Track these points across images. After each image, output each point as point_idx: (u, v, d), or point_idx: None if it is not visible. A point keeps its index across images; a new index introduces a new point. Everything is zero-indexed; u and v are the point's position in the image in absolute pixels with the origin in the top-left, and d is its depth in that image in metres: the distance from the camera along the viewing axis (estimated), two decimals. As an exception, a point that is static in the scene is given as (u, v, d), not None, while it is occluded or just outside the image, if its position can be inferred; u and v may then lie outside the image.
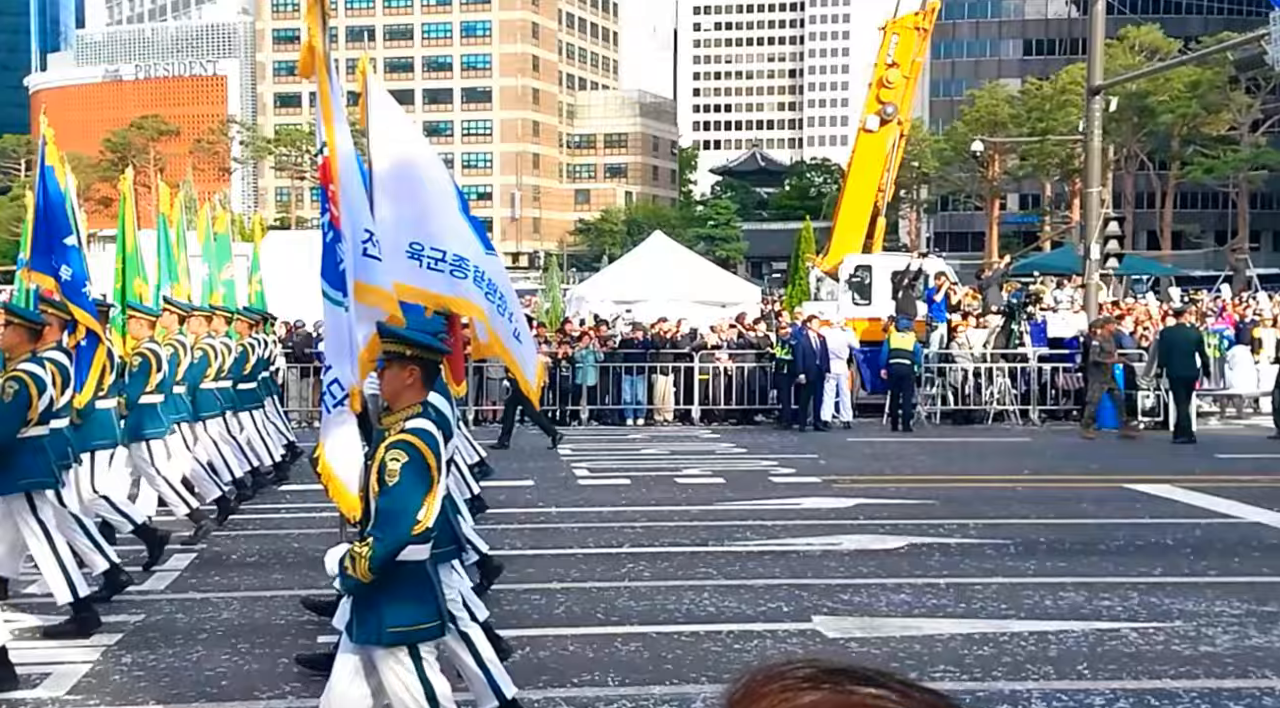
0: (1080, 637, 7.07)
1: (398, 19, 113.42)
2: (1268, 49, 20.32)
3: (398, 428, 4.55)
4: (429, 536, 4.52)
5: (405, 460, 4.42)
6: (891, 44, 25.96)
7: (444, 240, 6.24)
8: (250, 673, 6.57)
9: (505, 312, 6.72)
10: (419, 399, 4.70)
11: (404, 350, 4.71)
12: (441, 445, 4.61)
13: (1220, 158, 70.92)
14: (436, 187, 6.36)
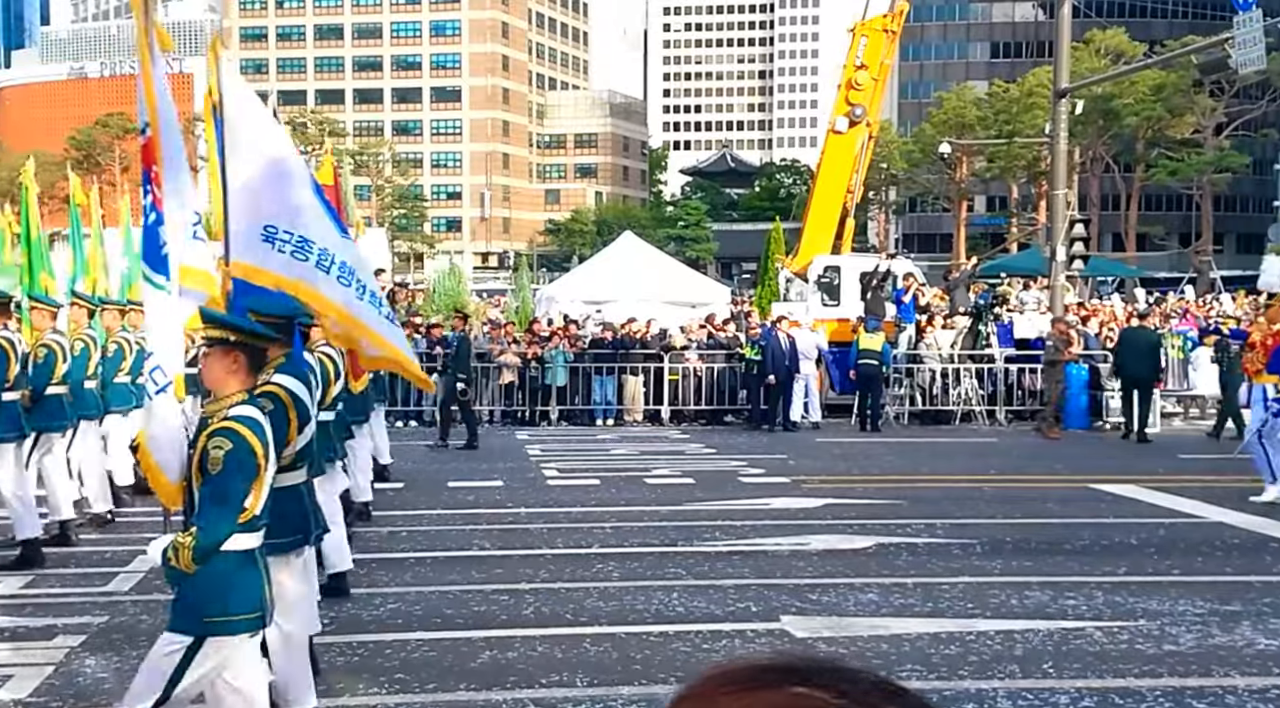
0: (1045, 636, 7.13)
1: (366, 17, 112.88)
2: (1231, 53, 20.53)
3: (221, 415, 4.44)
4: (257, 525, 4.43)
5: (229, 448, 4.32)
6: (860, 46, 26.07)
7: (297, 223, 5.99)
8: (216, 676, 6.51)
9: (366, 296, 6.37)
10: (244, 386, 4.58)
11: (227, 336, 4.59)
12: (268, 433, 4.49)
13: (1184, 160, 71.63)
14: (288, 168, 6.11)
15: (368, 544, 10.03)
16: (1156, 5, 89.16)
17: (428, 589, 8.38)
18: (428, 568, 9.11)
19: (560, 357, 19.83)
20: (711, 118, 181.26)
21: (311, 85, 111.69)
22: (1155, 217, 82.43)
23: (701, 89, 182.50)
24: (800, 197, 72.78)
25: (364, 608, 7.90)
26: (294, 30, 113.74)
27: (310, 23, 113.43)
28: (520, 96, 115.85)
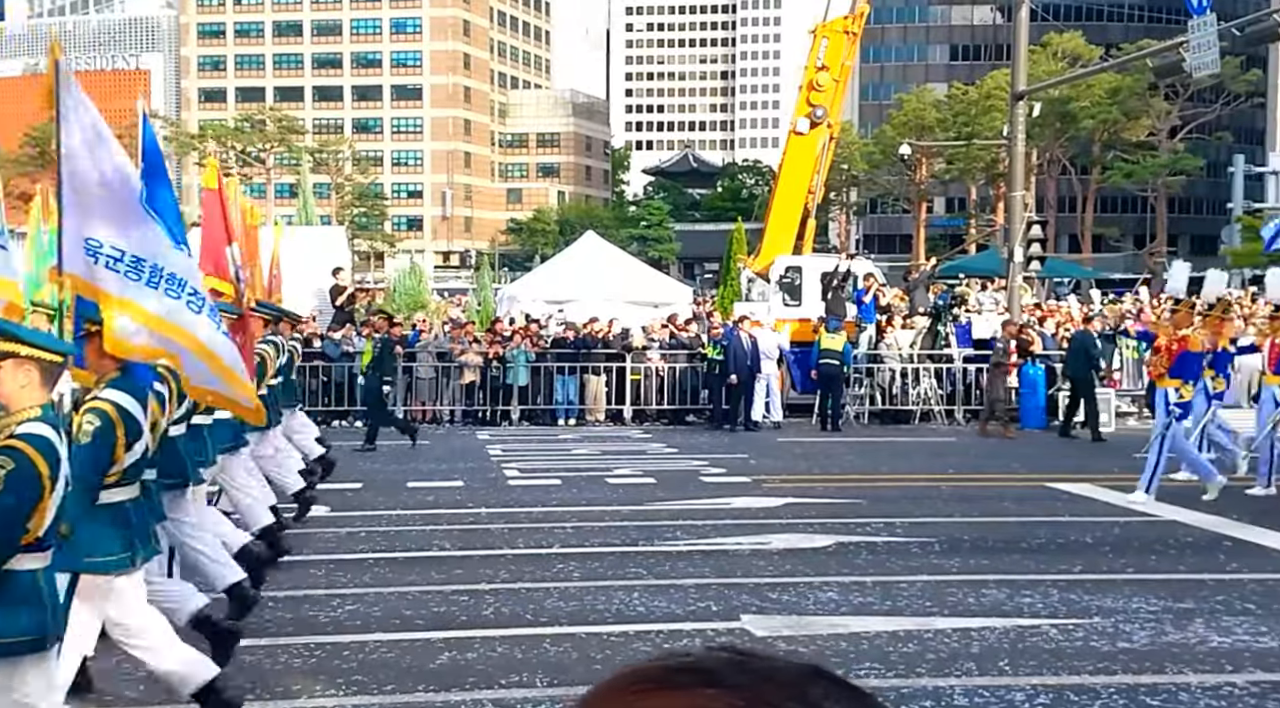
0: (1002, 633, 7.19)
1: (326, 14, 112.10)
2: (1186, 57, 20.78)
3: (7, 432, 4.27)
4: (43, 545, 4.29)
5: (10, 468, 4.14)
6: (821, 48, 26.18)
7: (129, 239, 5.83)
8: (172, 678, 6.45)
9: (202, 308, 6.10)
10: (38, 402, 4.39)
11: (18, 350, 4.41)
12: (60, 452, 4.32)
13: (1139, 163, 72.48)
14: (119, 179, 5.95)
15: (325, 545, 9.97)
16: (1113, 9, 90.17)
17: (386, 590, 8.34)
18: (386, 569, 9.06)
19: (522, 356, 19.79)
20: (674, 118, 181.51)
21: (270, 82, 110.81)
22: (1111, 218, 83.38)
23: (664, 89, 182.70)
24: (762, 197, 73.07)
25: (321, 609, 7.85)
26: (253, 26, 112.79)
27: (269, 19, 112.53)
28: (482, 95, 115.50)
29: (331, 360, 19.44)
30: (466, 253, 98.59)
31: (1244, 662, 6.65)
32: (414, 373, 19.78)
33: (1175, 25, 45.53)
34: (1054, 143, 72.72)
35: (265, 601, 8.03)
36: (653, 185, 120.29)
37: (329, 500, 12.05)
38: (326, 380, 19.47)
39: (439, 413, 19.93)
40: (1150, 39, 59.34)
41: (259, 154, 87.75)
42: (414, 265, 27.22)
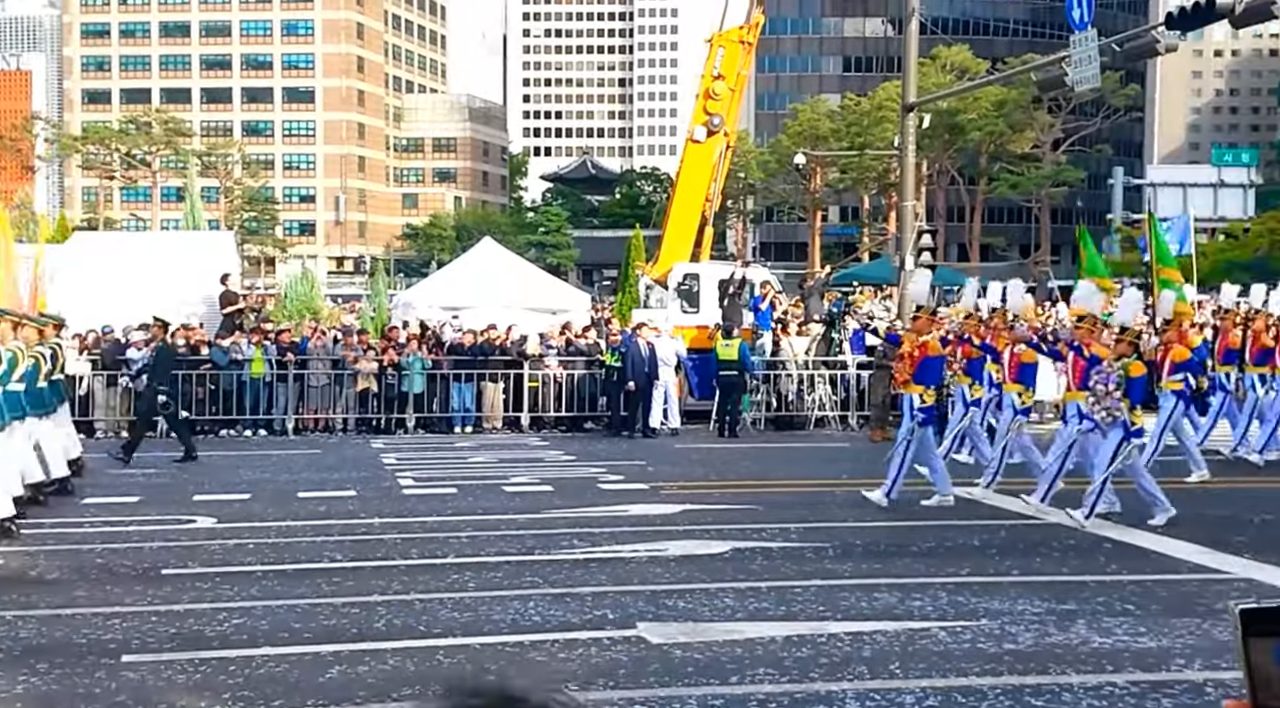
0: (893, 636, 7.29)
1: (215, 15, 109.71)
2: (1068, 71, 21.39)
3: None
4: None
5: None
6: (717, 57, 26.40)
7: None
8: (50, 695, 6.23)
9: None
10: None
11: None
12: None
13: (1024, 174, 74.56)
14: None
15: (213, 557, 9.73)
16: (998, 24, 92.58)
17: (274, 603, 8.16)
18: (274, 581, 8.87)
19: (418, 363, 19.56)
20: (572, 124, 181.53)
21: (157, 84, 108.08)
22: (997, 228, 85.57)
23: (562, 95, 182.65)
24: (660, 204, 73.40)
25: (207, 624, 7.65)
26: (138, 27, 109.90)
27: (155, 19, 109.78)
28: (376, 99, 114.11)
29: (220, 368, 19.00)
30: (361, 258, 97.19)
31: (1124, 662, 6.83)
32: (305, 381, 19.42)
33: (1058, 40, 46.92)
34: (943, 154, 74.40)
35: (148, 615, 7.80)
36: (551, 192, 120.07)
37: (214, 511, 11.77)
38: (215, 389, 19.02)
39: (332, 421, 19.60)
40: (1034, 53, 61.09)
41: (144, 157, 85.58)
42: (306, 271, 26.72)
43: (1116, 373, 10.64)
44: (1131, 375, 10.61)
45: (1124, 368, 10.64)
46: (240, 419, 19.18)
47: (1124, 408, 10.59)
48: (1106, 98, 69.20)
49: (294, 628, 7.52)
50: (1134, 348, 10.97)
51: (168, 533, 10.74)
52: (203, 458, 15.61)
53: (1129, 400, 10.61)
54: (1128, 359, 10.72)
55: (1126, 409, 10.59)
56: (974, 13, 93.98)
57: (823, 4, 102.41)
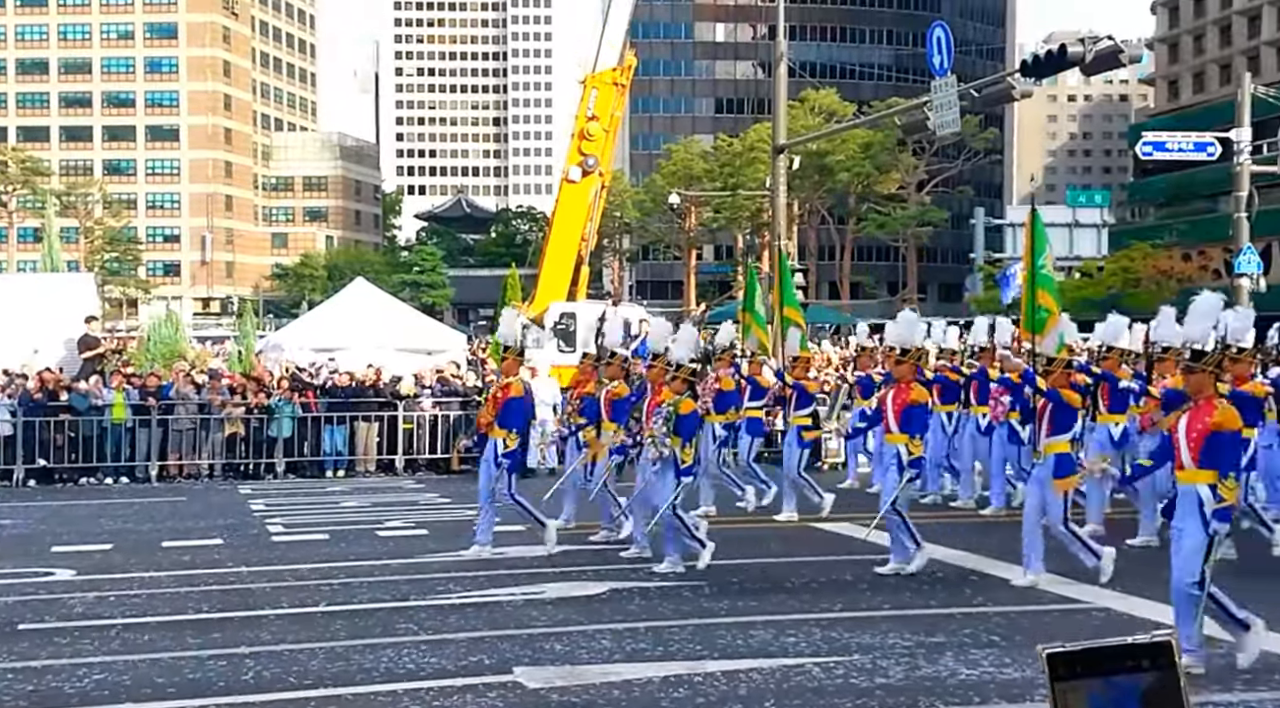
0: (768, 673, 7.36)
1: (74, 52, 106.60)
2: (930, 115, 22.12)
3: None
4: None
5: None
6: (591, 98, 26.67)
7: None
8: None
9: None
10: None
11: None
12: None
13: (891, 215, 76.61)
14: None
15: (71, 611, 9.36)
16: (864, 69, 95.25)
17: (137, 657, 7.88)
18: (137, 634, 8.56)
19: (287, 407, 19.16)
20: (446, 163, 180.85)
21: (13, 122, 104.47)
22: (866, 266, 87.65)
23: (435, 134, 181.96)
24: (536, 243, 73.48)
25: (67, 680, 7.35)
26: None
27: (12, 56, 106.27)
28: (244, 137, 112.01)
29: (79, 414, 18.35)
30: (228, 299, 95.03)
31: (990, 693, 7.01)
32: (169, 426, 18.86)
33: (920, 84, 48.54)
34: (813, 194, 76.06)
35: (4, 673, 7.47)
36: (425, 230, 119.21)
37: (74, 563, 11.33)
38: (74, 436, 18.35)
39: (198, 467, 19.06)
40: (898, 97, 63.01)
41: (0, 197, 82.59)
42: (170, 313, 25.99)
43: (666, 410, 10.56)
44: (681, 413, 10.57)
45: (674, 406, 10.58)
46: (101, 467, 18.54)
47: (673, 446, 10.51)
48: (967, 141, 71.65)
49: (157, 683, 7.28)
50: (688, 385, 10.85)
51: (24, 586, 10.31)
52: (62, 508, 15.03)
53: (678, 438, 10.56)
54: (679, 397, 10.63)
55: (677, 447, 10.54)
56: (840, 58, 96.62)
57: (694, 47, 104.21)
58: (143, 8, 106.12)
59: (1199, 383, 7.52)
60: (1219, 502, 7.20)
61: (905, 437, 10.60)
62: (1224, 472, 7.24)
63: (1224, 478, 7.22)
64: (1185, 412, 7.58)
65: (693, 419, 10.72)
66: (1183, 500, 7.38)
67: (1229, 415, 7.36)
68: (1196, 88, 77.49)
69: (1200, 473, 7.30)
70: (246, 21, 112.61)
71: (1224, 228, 33.44)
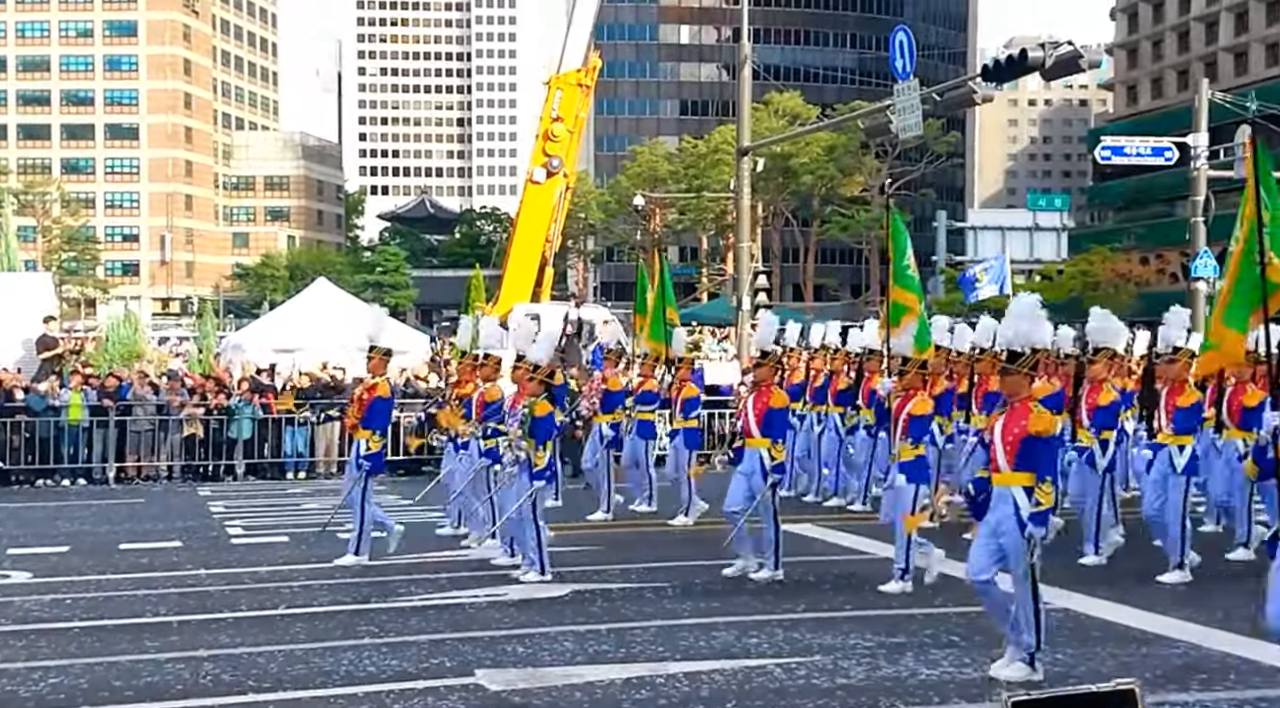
0: (731, 675, 7.37)
1: (32, 50, 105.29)
2: (893, 118, 22.26)
3: None
4: None
5: None
6: (556, 99, 26.65)
7: None
8: None
9: None
10: None
11: None
12: None
13: (854, 217, 76.97)
14: None
15: (27, 614, 9.24)
16: (828, 72, 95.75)
17: (94, 660, 7.79)
18: (94, 638, 8.46)
19: (247, 408, 19.00)
20: (410, 163, 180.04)
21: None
22: (830, 269, 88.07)
23: (399, 134, 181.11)
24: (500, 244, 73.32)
25: (22, 684, 7.25)
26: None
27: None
28: (204, 136, 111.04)
29: (36, 415, 18.11)
30: (188, 299, 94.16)
31: (949, 693, 7.05)
32: (127, 427, 18.65)
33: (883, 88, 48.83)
34: (777, 196, 76.31)
35: (-47, 680, 7.36)
36: (389, 231, 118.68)
37: (30, 565, 11.19)
38: (30, 436, 18.11)
39: (156, 469, 18.86)
40: (862, 101, 63.37)
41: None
42: (129, 313, 25.74)
43: (522, 412, 10.33)
44: (536, 415, 10.29)
45: (529, 407, 10.32)
46: (58, 468, 18.31)
47: (527, 449, 10.27)
48: (929, 144, 72.17)
49: (114, 686, 7.20)
50: (544, 387, 10.54)
51: (-25, 591, 10.16)
52: (18, 509, 14.84)
53: (533, 441, 10.25)
54: (534, 399, 10.34)
55: (531, 450, 10.26)
56: (804, 61, 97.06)
57: (659, 49, 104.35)
58: (102, 5, 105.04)
59: (1014, 385, 7.38)
60: (1035, 506, 7.08)
61: (767, 441, 10.26)
62: (1040, 475, 7.12)
63: (1040, 482, 7.10)
64: (1001, 414, 7.45)
65: (548, 422, 10.36)
66: (998, 504, 7.24)
67: (1045, 419, 7.24)
68: (1155, 93, 78.42)
69: (1016, 476, 7.16)
70: (207, 20, 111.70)
71: (1181, 232, 33.88)
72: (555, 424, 10.64)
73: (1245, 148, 6.29)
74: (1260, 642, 7.59)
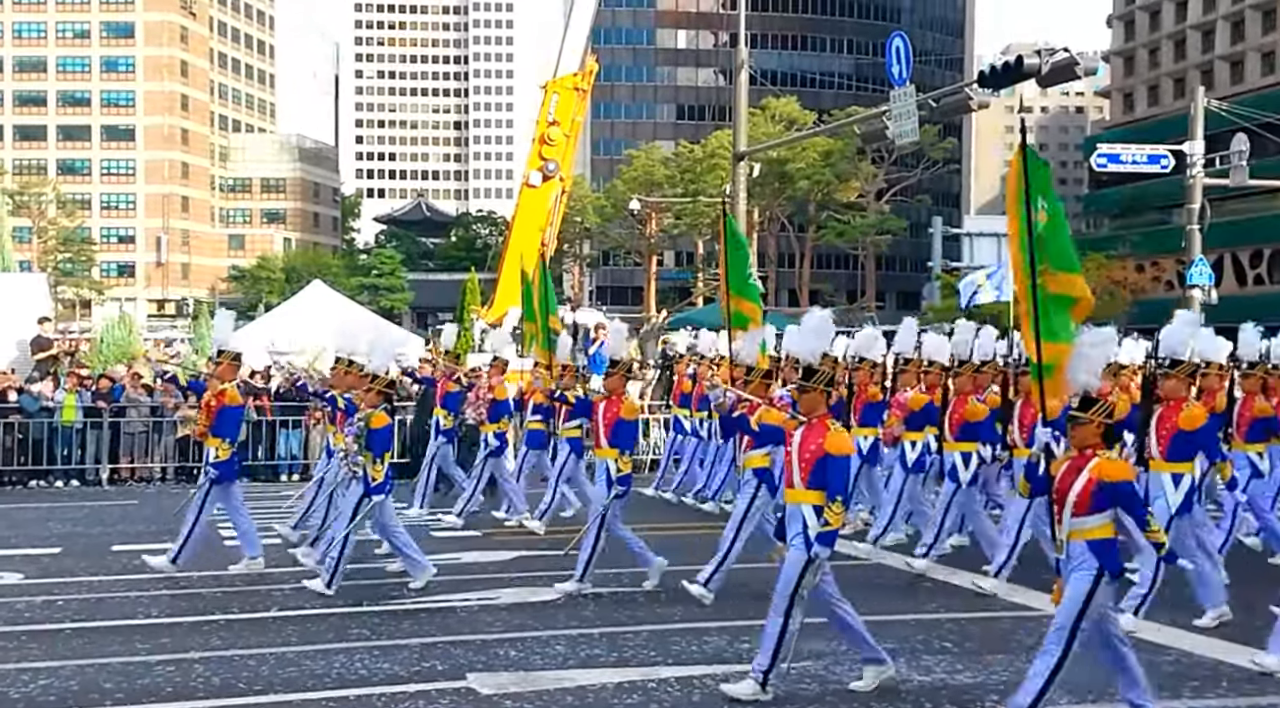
0: (722, 679, 7.37)
1: (29, 50, 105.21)
2: (889, 124, 22.28)
3: None
4: None
5: None
6: (552, 103, 26.67)
7: None
8: None
9: None
10: None
11: None
12: None
13: (850, 223, 77.03)
14: None
15: (19, 615, 9.22)
16: (824, 77, 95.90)
17: (85, 662, 7.78)
18: (85, 639, 8.45)
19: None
20: (406, 166, 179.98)
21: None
22: (826, 274, 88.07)
23: (396, 137, 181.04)
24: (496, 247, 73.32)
25: (12, 685, 7.25)
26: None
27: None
28: (201, 138, 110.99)
29: (30, 416, 18.09)
30: (184, 301, 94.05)
31: (941, 699, 7.06)
32: (120, 428, 18.63)
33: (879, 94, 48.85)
34: (773, 201, 76.34)
35: (-56, 682, 7.35)
36: (385, 234, 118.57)
37: (22, 567, 11.17)
38: (24, 437, 18.08)
39: (150, 470, 18.83)
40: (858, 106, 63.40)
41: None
42: (124, 314, 25.70)
43: (357, 424, 10.11)
44: (373, 427, 9.98)
45: (366, 419, 10.08)
46: (51, 469, 18.28)
47: (364, 463, 10.03)
48: (926, 150, 72.24)
49: (105, 688, 7.19)
50: (384, 397, 10.28)
51: (-33, 592, 10.14)
52: (10, 510, 14.81)
53: (370, 454, 9.99)
54: (371, 411, 10.08)
55: (368, 463, 9.99)
56: (801, 66, 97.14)
57: (656, 54, 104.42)
58: (99, 7, 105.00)
59: (811, 403, 7.22)
60: (824, 525, 6.97)
61: (614, 452, 10.05)
62: (831, 495, 6.97)
63: (830, 501, 6.95)
64: (799, 429, 7.27)
65: (384, 434, 10.07)
66: (790, 521, 7.16)
67: (840, 439, 7.08)
68: (1151, 101, 78.58)
69: (808, 494, 7.06)
70: (205, 22, 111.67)
71: (1177, 240, 33.91)
72: (392, 436, 10.28)
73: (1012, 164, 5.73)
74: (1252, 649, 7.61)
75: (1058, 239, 6.58)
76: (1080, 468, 6.25)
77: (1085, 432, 6.27)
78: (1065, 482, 6.28)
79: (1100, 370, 6.53)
